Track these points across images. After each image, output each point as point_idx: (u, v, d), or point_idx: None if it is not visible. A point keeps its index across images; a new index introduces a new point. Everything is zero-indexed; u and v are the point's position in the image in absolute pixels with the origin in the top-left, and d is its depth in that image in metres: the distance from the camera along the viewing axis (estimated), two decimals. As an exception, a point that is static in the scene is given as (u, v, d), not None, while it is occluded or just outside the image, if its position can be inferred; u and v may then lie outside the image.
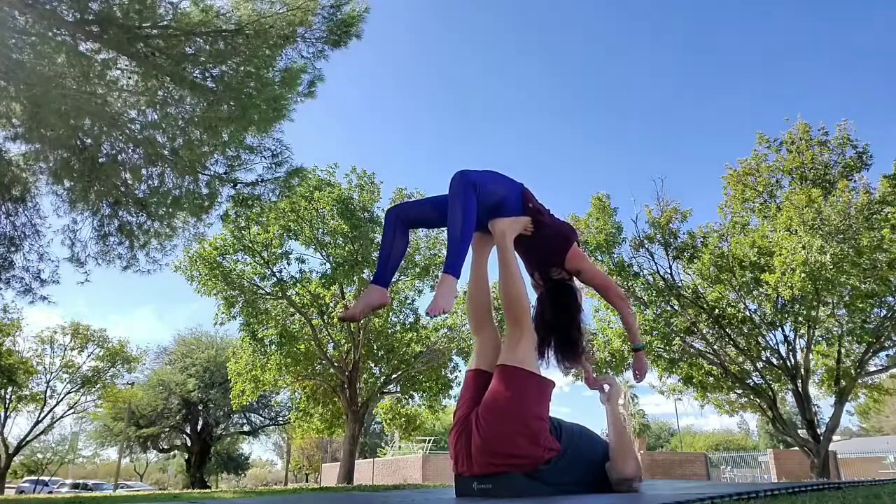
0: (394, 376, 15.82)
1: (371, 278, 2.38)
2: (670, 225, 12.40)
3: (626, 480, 2.18)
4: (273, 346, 14.36)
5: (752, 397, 12.77)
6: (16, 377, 19.47)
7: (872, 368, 11.98)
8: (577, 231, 2.70)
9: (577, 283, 2.55)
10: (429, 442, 24.30)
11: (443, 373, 15.99)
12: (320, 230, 14.25)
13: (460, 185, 2.27)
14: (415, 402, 17.04)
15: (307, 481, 37.62)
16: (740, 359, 12.41)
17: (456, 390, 16.30)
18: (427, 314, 2.09)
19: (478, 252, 2.62)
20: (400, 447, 25.02)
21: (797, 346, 11.92)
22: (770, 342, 12.09)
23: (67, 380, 21.81)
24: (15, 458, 23.55)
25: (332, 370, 14.91)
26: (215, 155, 6.82)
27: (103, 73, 5.68)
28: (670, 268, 12.38)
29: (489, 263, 2.67)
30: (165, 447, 32.16)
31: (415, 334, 15.52)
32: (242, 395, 15.17)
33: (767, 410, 12.39)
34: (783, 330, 11.93)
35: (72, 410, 22.98)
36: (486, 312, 2.57)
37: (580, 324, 2.43)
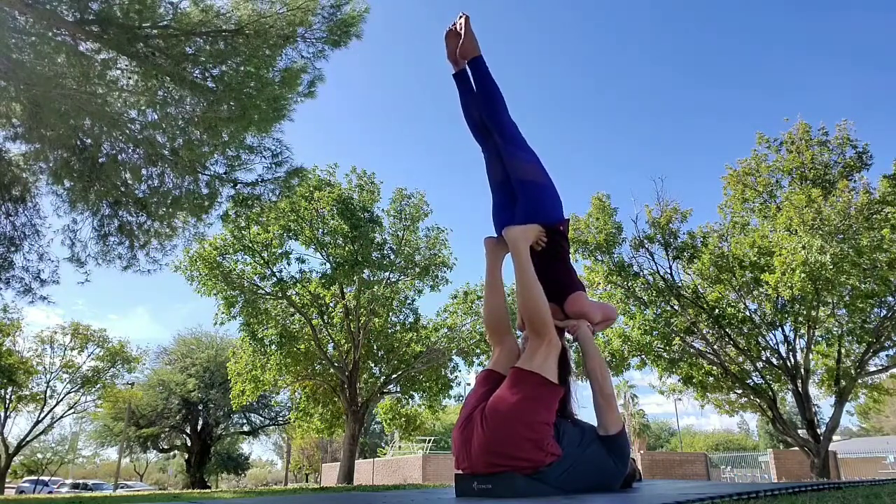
0: (394, 376, 15.81)
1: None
2: (670, 225, 12.40)
3: (614, 436, 2.21)
4: (273, 346, 14.34)
5: (752, 397, 12.77)
6: (16, 377, 19.46)
7: (872, 368, 11.99)
8: (583, 284, 2.68)
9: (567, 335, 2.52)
10: (429, 442, 24.30)
11: (443, 373, 15.98)
12: (320, 230, 14.23)
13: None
14: (415, 402, 17.03)
15: (307, 481, 37.62)
16: (740, 359, 12.41)
17: (456, 390, 16.32)
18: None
19: (492, 257, 2.55)
20: (400, 447, 25.03)
21: (797, 346, 11.93)
22: (770, 342, 12.09)
23: (67, 380, 21.82)
24: (15, 458, 23.54)
25: (332, 370, 14.90)
26: (215, 155, 6.82)
27: (103, 73, 5.67)
28: (670, 268, 12.38)
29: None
30: (165, 447, 32.17)
31: (415, 334, 15.50)
32: (242, 395, 15.16)
33: (767, 410, 12.39)
34: (783, 330, 11.95)
35: (72, 410, 23.00)
36: (504, 323, 2.51)
37: (569, 383, 2.36)
